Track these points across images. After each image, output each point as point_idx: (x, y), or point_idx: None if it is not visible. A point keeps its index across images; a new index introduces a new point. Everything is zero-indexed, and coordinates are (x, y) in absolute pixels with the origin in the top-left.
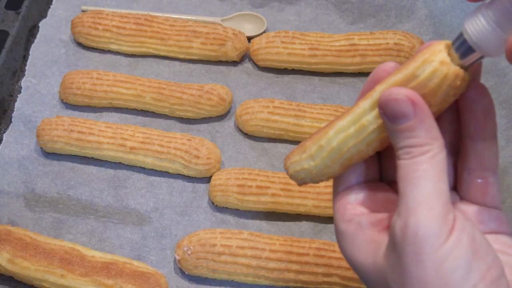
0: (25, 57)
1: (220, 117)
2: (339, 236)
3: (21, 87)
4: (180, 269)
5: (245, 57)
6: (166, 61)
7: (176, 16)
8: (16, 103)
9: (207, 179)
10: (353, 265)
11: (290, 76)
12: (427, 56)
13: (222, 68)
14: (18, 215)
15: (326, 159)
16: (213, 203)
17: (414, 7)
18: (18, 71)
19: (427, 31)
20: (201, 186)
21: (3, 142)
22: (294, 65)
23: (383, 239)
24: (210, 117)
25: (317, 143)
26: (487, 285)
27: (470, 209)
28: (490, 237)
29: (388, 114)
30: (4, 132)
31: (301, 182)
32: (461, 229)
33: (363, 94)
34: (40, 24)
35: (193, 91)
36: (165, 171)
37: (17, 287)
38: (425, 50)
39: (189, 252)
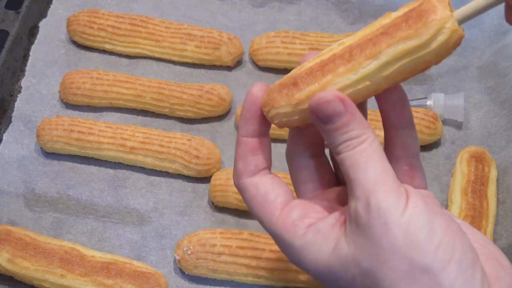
0: (25, 57)
1: (220, 117)
2: (299, 253)
3: (21, 87)
4: (180, 269)
5: (240, 61)
6: (166, 62)
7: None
8: (16, 103)
9: (207, 179)
10: (318, 271)
11: None
12: (439, 23)
13: (222, 68)
14: (18, 215)
15: None
16: (213, 203)
17: None
18: (18, 71)
19: None
20: (201, 186)
21: (3, 142)
22: (294, 65)
23: (341, 232)
24: (210, 117)
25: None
26: (451, 238)
27: None
28: None
29: (322, 116)
30: (4, 132)
31: (281, 124)
32: (414, 196)
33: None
34: (40, 24)
35: (193, 91)
36: (165, 171)
37: (17, 287)
38: (430, 13)
39: (189, 252)
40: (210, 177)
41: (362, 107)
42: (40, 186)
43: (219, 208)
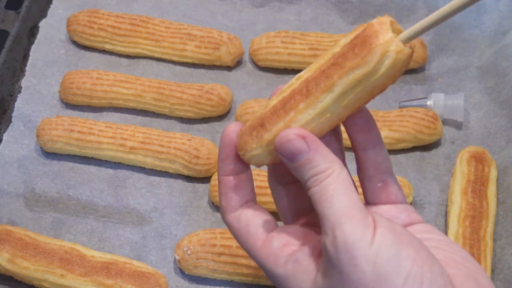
0: (25, 57)
1: (220, 117)
2: (282, 282)
3: (21, 87)
4: (180, 269)
5: (240, 61)
6: (166, 62)
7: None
8: (16, 103)
9: (207, 179)
10: None
11: (291, 76)
12: (383, 48)
13: (222, 68)
14: (18, 215)
15: None
16: (213, 203)
17: (415, 7)
18: (18, 71)
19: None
20: (201, 186)
21: (3, 142)
22: (294, 65)
23: (319, 263)
24: (210, 117)
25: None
26: (420, 267)
27: (379, 210)
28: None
29: (287, 155)
30: (4, 132)
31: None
32: (382, 227)
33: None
34: (40, 24)
35: (193, 91)
36: (165, 171)
37: (17, 287)
38: (373, 39)
39: (189, 252)
40: (210, 177)
41: (335, 131)
42: (40, 186)
43: (219, 208)
